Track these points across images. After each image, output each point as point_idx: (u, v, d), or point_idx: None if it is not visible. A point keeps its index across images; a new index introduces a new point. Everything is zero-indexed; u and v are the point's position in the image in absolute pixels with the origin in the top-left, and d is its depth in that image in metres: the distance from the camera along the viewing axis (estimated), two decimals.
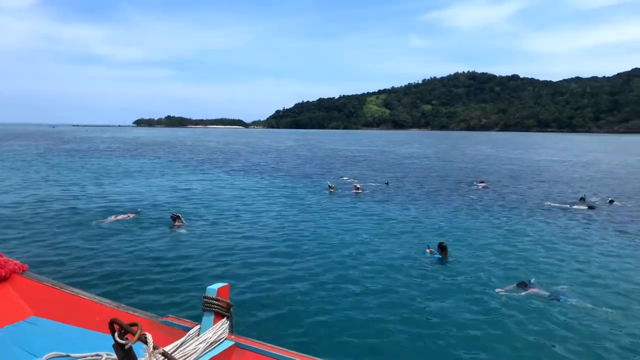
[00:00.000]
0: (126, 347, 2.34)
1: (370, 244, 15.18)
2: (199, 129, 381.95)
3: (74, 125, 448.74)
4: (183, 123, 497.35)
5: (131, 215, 18.96)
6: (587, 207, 22.13)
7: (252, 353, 3.10)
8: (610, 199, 24.06)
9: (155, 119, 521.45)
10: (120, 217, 18.64)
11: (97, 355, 3.03)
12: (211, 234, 16.29)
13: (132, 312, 3.65)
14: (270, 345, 3.09)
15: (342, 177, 35.93)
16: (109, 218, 18.33)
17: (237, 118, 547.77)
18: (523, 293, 10.34)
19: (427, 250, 13.91)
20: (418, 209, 22.10)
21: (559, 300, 10.12)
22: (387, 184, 31.66)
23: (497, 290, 10.62)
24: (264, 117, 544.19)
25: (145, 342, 2.41)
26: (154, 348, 2.43)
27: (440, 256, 13.39)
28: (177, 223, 17.43)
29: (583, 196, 24.92)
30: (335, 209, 21.64)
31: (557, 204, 23.61)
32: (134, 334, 2.34)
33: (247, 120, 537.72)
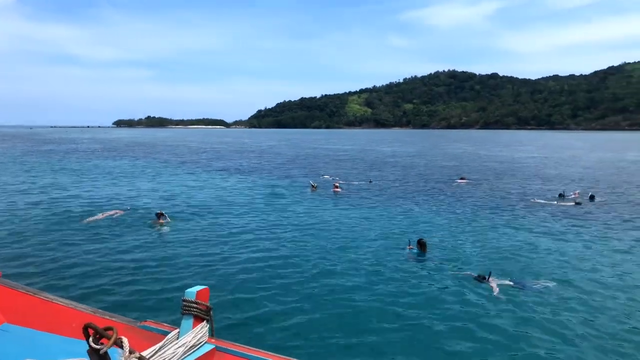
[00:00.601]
0: (101, 352, 2.27)
1: (351, 242, 15.24)
2: (180, 129, 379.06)
3: (52, 127, 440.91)
4: (163, 123, 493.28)
5: (118, 213, 18.96)
6: (573, 203, 22.32)
7: (232, 356, 3.05)
8: (590, 194, 24.29)
9: (135, 119, 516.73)
10: (101, 216, 18.44)
11: None
12: (193, 234, 16.11)
13: (109, 317, 3.56)
14: (251, 348, 3.05)
15: (322, 175, 36.12)
16: (88, 219, 18.09)
17: (218, 118, 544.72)
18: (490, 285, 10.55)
19: (408, 247, 14.05)
20: (398, 206, 22.28)
21: (523, 288, 10.57)
22: (370, 182, 31.80)
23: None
24: (245, 117, 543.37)
25: (121, 347, 2.34)
26: (130, 352, 2.38)
27: (419, 252, 13.60)
28: (160, 220, 17.46)
29: (562, 192, 25.23)
30: (317, 208, 21.70)
31: (538, 200, 23.92)
32: (109, 339, 2.27)
33: (229, 120, 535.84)
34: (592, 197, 23.69)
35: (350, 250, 14.24)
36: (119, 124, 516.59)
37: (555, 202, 23.13)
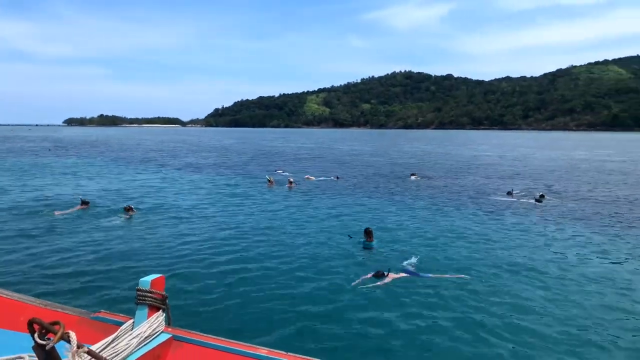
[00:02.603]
0: (47, 347, 2.18)
1: (304, 233, 15.51)
2: (135, 128, 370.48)
3: None
4: (117, 122, 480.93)
5: (76, 208, 18.66)
6: (534, 201, 22.72)
7: (190, 345, 3.01)
8: (540, 193, 24.66)
9: (88, 117, 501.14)
10: (59, 213, 17.98)
11: (18, 357, 2.74)
12: (152, 228, 15.91)
13: (60, 310, 3.43)
14: (209, 336, 3.03)
15: (276, 170, 36.20)
16: (47, 214, 17.77)
17: (174, 117, 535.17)
18: (379, 283, 10.25)
19: (349, 236, 14.61)
20: (351, 200, 22.78)
21: (418, 275, 10.74)
22: (337, 178, 32.06)
23: (353, 283, 10.38)
24: (202, 116, 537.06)
25: (69, 341, 2.25)
26: (79, 347, 2.29)
27: (364, 240, 14.01)
28: (131, 212, 17.80)
29: (510, 190, 25.79)
30: (273, 202, 21.85)
31: (488, 196, 24.62)
32: (55, 333, 2.18)
33: (185, 119, 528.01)
34: (541, 196, 23.86)
35: (302, 241, 14.47)
36: (70, 122, 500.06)
37: (509, 199, 23.70)
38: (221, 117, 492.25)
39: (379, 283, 10.15)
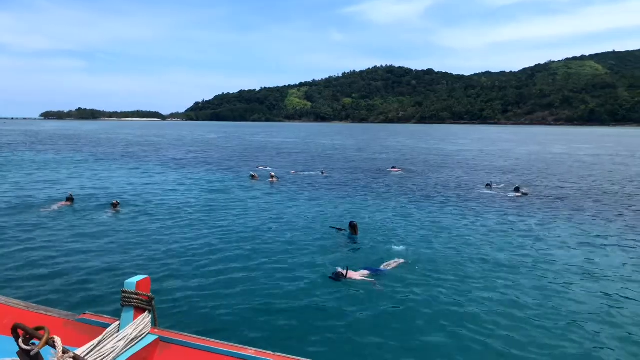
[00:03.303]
0: (32, 353, 2.14)
1: (289, 228, 15.56)
2: (114, 121, 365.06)
3: None
4: (96, 116, 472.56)
5: (61, 204, 18.50)
6: (520, 194, 23.00)
7: (176, 346, 3.00)
8: (516, 186, 24.98)
9: (65, 111, 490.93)
10: (42, 209, 17.76)
11: None
12: (138, 225, 15.74)
13: (44, 312, 3.39)
14: (195, 337, 3.01)
15: (257, 166, 36.11)
16: (31, 211, 17.49)
17: (154, 110, 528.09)
18: (340, 282, 10.08)
19: (337, 229, 14.81)
20: (334, 194, 22.95)
21: (379, 272, 10.73)
22: (323, 172, 32.21)
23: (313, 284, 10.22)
24: (182, 110, 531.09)
25: (54, 347, 2.21)
26: (64, 352, 2.25)
27: (350, 233, 14.28)
28: (117, 209, 17.85)
29: (489, 183, 26.17)
30: (258, 197, 21.81)
31: (467, 189, 24.93)
32: (40, 339, 2.14)
33: (165, 112, 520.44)
34: (517, 189, 24.22)
35: (287, 235, 14.57)
36: (47, 115, 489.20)
37: (488, 192, 24.06)
38: (202, 111, 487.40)
39: (339, 283, 10.02)
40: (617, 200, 22.18)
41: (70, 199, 19.10)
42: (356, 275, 10.30)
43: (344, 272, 10.14)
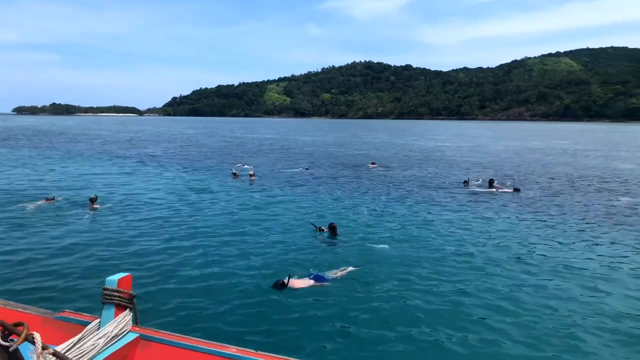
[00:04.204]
0: (10, 349, 2.10)
1: (268, 227, 15.62)
2: (89, 117, 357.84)
3: None
4: (70, 111, 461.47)
5: (41, 202, 18.32)
6: (495, 189, 23.35)
7: (157, 344, 2.97)
8: (489, 179, 25.39)
9: (39, 106, 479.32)
10: (20, 206, 17.67)
11: None
12: (118, 223, 15.66)
13: (22, 310, 3.37)
14: (176, 334, 2.99)
15: (236, 164, 35.97)
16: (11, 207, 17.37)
17: (130, 105, 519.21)
18: (281, 290, 9.65)
19: (318, 229, 14.75)
20: (311, 191, 23.18)
21: (325, 279, 10.26)
22: (306, 169, 32.40)
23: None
24: (159, 105, 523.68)
25: (33, 343, 2.17)
26: (44, 348, 2.21)
27: (329, 234, 14.25)
28: (94, 205, 17.63)
29: (466, 179, 26.54)
30: (237, 196, 21.72)
31: (444, 186, 25.37)
32: (19, 335, 2.11)
33: (142, 107, 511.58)
34: (491, 181, 24.62)
35: (267, 235, 14.58)
36: (20, 110, 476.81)
37: (465, 188, 24.53)
38: (179, 106, 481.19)
39: (281, 291, 9.63)
40: (590, 195, 22.78)
41: (50, 198, 18.83)
42: (300, 283, 9.95)
43: (286, 281, 9.78)
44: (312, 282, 10.08)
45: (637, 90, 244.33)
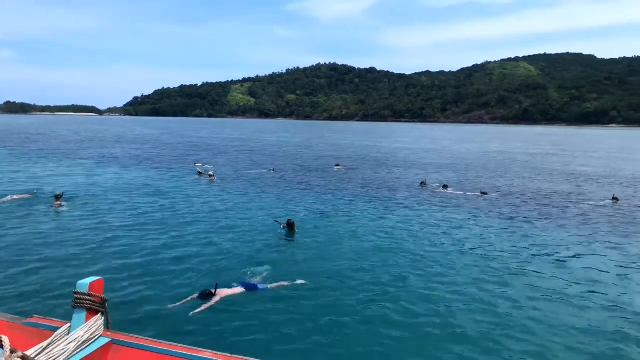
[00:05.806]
0: None
1: (231, 225, 15.80)
2: (47, 116, 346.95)
3: None
4: (26, 109, 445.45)
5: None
6: (479, 194, 23.73)
7: (129, 349, 2.93)
8: (444, 184, 26.11)
9: None
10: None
11: None
12: (86, 223, 15.43)
13: None
14: (149, 339, 2.95)
15: (195, 163, 35.87)
16: None
17: (90, 105, 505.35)
18: (207, 305, 9.04)
19: (282, 226, 14.79)
20: (275, 192, 23.31)
21: (257, 288, 9.93)
22: (273, 170, 32.39)
23: (178, 304, 9.15)
24: (120, 104, 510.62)
25: (1, 347, 2.13)
26: (12, 352, 2.17)
27: (287, 232, 14.29)
28: (58, 202, 17.29)
29: (423, 180, 27.25)
30: (199, 196, 21.68)
31: (403, 186, 25.92)
32: None
33: (102, 107, 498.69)
34: (445, 186, 25.25)
35: (229, 234, 14.70)
36: None
37: (422, 189, 25.24)
38: (141, 106, 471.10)
39: (206, 305, 8.98)
40: (545, 196, 23.68)
41: (11, 198, 18.32)
42: (228, 292, 9.59)
43: (213, 290, 9.30)
44: (241, 289, 9.78)
45: (591, 95, 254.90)
